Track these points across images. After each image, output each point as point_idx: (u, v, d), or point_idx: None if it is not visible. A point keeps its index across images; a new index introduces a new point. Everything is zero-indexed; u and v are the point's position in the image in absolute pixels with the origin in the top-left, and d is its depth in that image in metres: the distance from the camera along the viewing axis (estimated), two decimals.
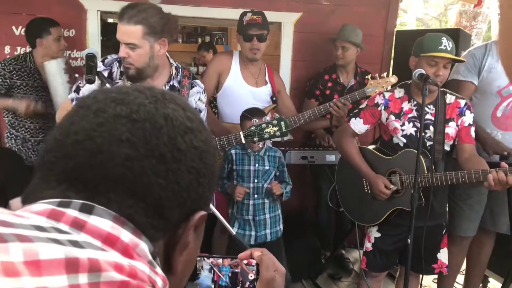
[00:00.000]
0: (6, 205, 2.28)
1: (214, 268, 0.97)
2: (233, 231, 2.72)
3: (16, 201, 2.17)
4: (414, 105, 2.36)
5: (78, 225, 0.47)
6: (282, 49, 3.74)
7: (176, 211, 0.54)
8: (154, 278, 0.49)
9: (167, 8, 3.46)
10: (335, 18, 3.71)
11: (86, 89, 2.17)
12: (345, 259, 3.70)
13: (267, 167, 2.74)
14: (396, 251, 2.49)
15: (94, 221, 0.48)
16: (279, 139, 3.05)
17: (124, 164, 0.50)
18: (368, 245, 2.53)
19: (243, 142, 2.21)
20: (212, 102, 3.30)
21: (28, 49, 3.13)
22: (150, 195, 0.51)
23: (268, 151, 2.76)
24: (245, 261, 0.97)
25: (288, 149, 3.33)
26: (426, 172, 2.21)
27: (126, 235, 0.49)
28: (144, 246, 0.50)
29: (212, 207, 1.78)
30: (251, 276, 0.97)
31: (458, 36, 3.53)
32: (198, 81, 2.28)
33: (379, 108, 2.43)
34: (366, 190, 2.48)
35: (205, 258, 1.01)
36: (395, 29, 3.93)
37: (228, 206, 2.84)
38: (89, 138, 0.51)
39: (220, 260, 0.99)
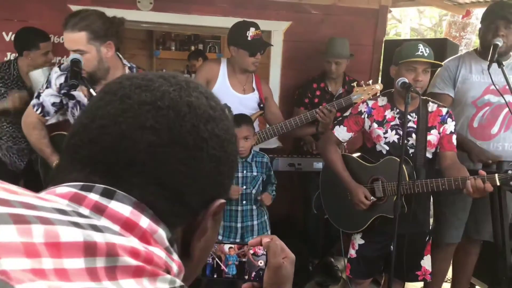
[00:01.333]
0: None
1: (216, 259, 0.92)
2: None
3: None
4: (397, 113, 2.39)
5: (99, 210, 0.48)
6: (272, 57, 3.78)
7: (196, 198, 0.55)
8: (170, 264, 0.50)
9: (158, 16, 3.53)
10: (324, 27, 3.76)
11: (46, 94, 2.28)
12: (334, 266, 3.70)
13: (254, 173, 2.75)
14: (380, 258, 2.51)
15: (115, 206, 0.49)
16: (267, 145, 3.08)
17: (147, 151, 0.51)
18: (352, 252, 2.54)
19: None
20: None
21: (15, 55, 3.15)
22: (172, 182, 0.52)
23: (255, 156, 2.77)
24: (251, 251, 0.91)
25: (276, 156, 3.35)
26: (407, 179, 2.23)
27: (144, 221, 0.49)
28: (162, 233, 0.51)
29: None
30: (260, 263, 0.91)
31: (445, 45, 3.58)
32: None
33: (362, 116, 2.46)
34: (349, 198, 2.50)
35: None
36: (384, 38, 3.98)
37: None
38: (114, 124, 0.52)
39: (226, 249, 0.92)
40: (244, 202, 2.72)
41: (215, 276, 0.92)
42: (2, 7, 3.31)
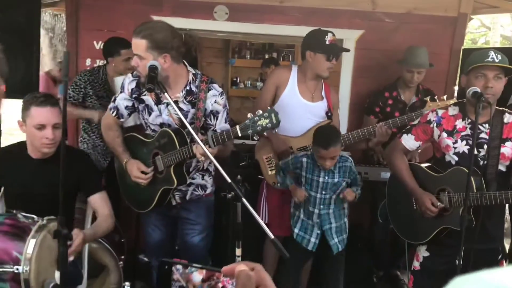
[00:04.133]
0: (77, 202, 2.52)
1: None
2: (294, 224, 2.76)
3: (94, 197, 2.40)
4: (469, 123, 2.31)
5: None
6: (343, 65, 3.78)
7: None
8: None
9: (233, 26, 3.69)
10: (398, 36, 3.70)
11: (120, 98, 2.48)
12: (400, 280, 3.60)
13: (336, 179, 2.74)
14: (446, 273, 2.42)
15: None
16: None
17: None
18: (416, 264, 2.48)
19: (239, 135, 2.19)
20: None
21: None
22: None
23: (339, 161, 2.74)
24: (220, 284, 0.76)
25: None
26: (475, 191, 2.15)
27: None
28: None
29: (255, 214, 1.86)
30: None
31: None
32: (215, 85, 2.46)
33: (431, 125, 2.40)
34: (415, 207, 2.45)
35: (176, 267, 0.81)
36: (462, 47, 3.83)
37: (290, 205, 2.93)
38: None
39: (195, 278, 0.77)
40: (321, 206, 2.75)
41: None
42: (93, 19, 3.65)
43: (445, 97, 2.82)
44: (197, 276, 0.79)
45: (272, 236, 1.82)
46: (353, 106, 3.77)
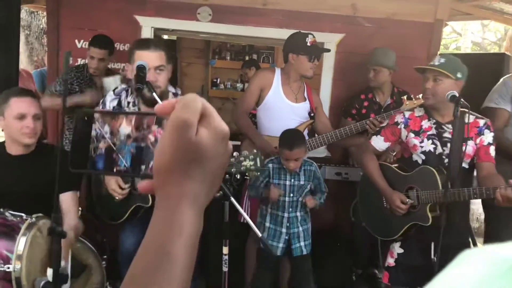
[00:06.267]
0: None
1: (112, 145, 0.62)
2: (260, 233, 2.81)
3: (65, 195, 2.38)
4: (433, 123, 2.45)
5: None
6: (324, 68, 3.85)
7: None
8: None
9: (216, 27, 3.71)
10: (377, 40, 3.79)
11: (109, 96, 2.52)
12: (378, 278, 3.69)
13: (302, 182, 2.83)
14: (422, 268, 2.51)
15: None
16: (316, 154, 3.16)
17: None
18: (391, 261, 2.58)
19: None
20: (250, 119, 3.45)
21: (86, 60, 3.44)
22: None
23: (303, 165, 2.84)
24: (151, 136, 0.60)
25: (323, 165, 3.41)
26: (440, 188, 2.26)
27: None
28: None
29: (242, 212, 1.90)
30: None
31: (502, 61, 3.53)
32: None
33: (399, 127, 2.53)
34: (385, 205, 2.56)
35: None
36: (439, 52, 3.95)
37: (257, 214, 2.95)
38: None
39: (122, 129, 0.61)
40: (290, 209, 2.81)
41: (104, 170, 0.65)
42: (75, 17, 3.62)
43: (420, 95, 2.93)
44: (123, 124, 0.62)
45: (259, 234, 1.88)
46: (333, 109, 3.85)
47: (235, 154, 2.19)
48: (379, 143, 2.60)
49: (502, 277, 0.32)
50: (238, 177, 2.20)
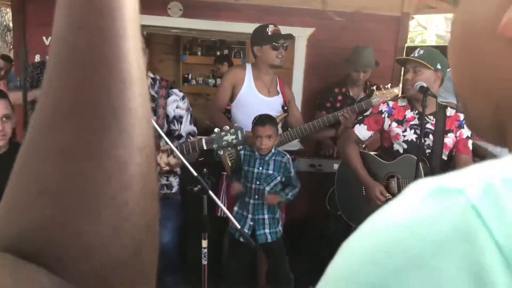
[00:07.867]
0: None
1: None
2: (238, 224, 2.84)
3: None
4: (416, 114, 2.52)
5: None
6: (295, 62, 3.90)
7: None
8: None
9: (187, 22, 3.70)
10: (347, 34, 3.86)
11: None
12: None
13: (270, 171, 2.80)
14: None
15: None
16: (289, 147, 3.20)
17: None
18: None
19: (205, 148, 2.25)
20: (224, 114, 3.46)
21: None
22: None
23: (275, 155, 2.82)
24: None
25: (297, 157, 3.46)
26: (423, 177, 2.34)
27: None
28: None
29: (221, 205, 1.93)
30: None
31: None
32: (175, 90, 2.49)
33: (382, 116, 2.59)
34: (363, 194, 2.61)
35: None
36: (406, 45, 4.06)
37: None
38: None
39: None
40: (256, 197, 2.79)
41: None
42: (42, 13, 3.54)
43: (389, 85, 3.03)
44: None
45: (238, 226, 1.91)
46: (305, 102, 3.90)
47: (216, 130, 2.20)
48: (362, 131, 2.64)
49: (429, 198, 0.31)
50: (221, 153, 2.21)
